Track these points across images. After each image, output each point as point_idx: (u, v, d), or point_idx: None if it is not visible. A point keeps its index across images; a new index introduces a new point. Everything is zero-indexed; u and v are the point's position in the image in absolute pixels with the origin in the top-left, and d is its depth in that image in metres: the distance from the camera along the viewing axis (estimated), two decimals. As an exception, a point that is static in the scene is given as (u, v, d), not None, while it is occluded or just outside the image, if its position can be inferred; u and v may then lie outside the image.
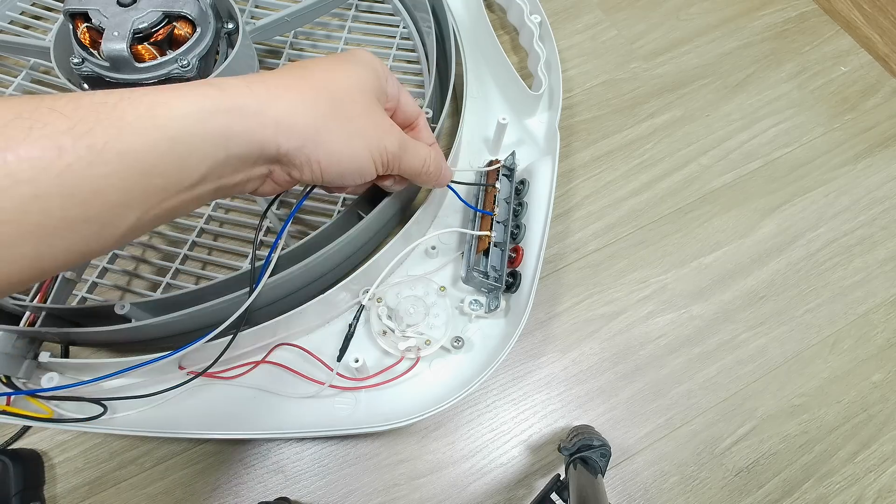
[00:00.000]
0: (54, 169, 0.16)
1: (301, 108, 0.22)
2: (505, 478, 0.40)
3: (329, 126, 0.23)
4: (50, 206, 0.17)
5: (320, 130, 0.23)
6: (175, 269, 0.41)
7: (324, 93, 0.23)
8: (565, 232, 0.48)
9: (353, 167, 0.25)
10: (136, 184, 0.18)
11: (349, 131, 0.24)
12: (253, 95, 0.21)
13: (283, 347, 0.37)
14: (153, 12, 0.36)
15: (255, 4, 0.53)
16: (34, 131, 0.16)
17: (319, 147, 0.23)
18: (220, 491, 0.39)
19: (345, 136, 0.24)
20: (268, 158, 0.23)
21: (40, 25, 0.52)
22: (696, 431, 0.42)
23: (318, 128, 0.23)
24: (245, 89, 0.21)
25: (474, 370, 0.38)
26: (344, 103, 0.24)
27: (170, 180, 0.19)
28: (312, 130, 0.23)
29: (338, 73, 0.25)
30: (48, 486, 0.38)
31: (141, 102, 0.19)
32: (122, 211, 0.19)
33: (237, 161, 0.21)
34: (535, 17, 0.49)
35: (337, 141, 0.23)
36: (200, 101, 0.20)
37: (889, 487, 0.41)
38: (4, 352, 0.32)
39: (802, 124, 0.54)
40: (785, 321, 0.45)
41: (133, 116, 0.18)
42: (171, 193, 0.20)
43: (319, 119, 0.23)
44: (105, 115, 0.18)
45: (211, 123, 0.20)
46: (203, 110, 0.20)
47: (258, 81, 0.22)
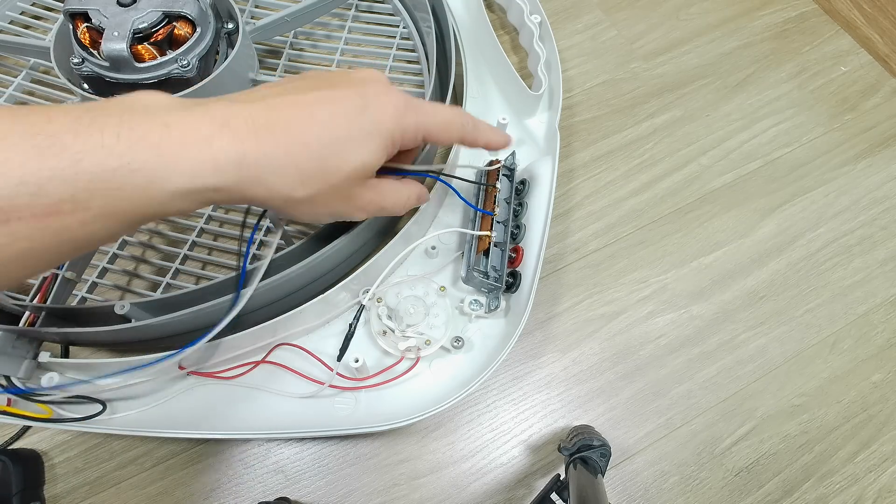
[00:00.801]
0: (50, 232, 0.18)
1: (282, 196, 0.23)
2: (505, 478, 0.40)
3: (302, 207, 0.25)
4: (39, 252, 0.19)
5: (293, 208, 0.25)
6: (175, 269, 0.41)
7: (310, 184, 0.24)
8: (565, 232, 0.48)
9: (307, 218, 0.27)
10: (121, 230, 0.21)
11: (319, 212, 0.26)
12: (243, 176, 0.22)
13: (283, 347, 0.37)
14: (153, 12, 0.36)
15: (255, 4, 0.53)
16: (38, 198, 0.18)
17: (288, 214, 0.27)
18: (220, 491, 0.39)
19: (313, 213, 0.26)
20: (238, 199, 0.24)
21: (40, 25, 0.52)
22: (696, 431, 0.42)
23: (291, 206, 0.24)
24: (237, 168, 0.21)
25: (474, 370, 0.38)
26: (326, 195, 0.25)
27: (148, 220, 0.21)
28: (284, 207, 0.24)
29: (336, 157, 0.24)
30: (48, 486, 0.38)
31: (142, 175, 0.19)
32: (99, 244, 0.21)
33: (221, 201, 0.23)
34: (535, 17, 0.49)
35: (303, 214, 0.26)
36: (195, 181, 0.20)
37: (889, 487, 0.41)
38: (4, 352, 0.32)
39: (802, 124, 0.54)
40: (785, 321, 0.45)
41: (131, 189, 0.19)
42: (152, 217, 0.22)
43: (294, 203, 0.24)
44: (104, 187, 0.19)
45: (199, 197, 0.21)
46: (195, 187, 0.21)
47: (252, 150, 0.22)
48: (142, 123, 0.20)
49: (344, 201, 0.26)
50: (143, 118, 0.20)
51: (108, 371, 0.35)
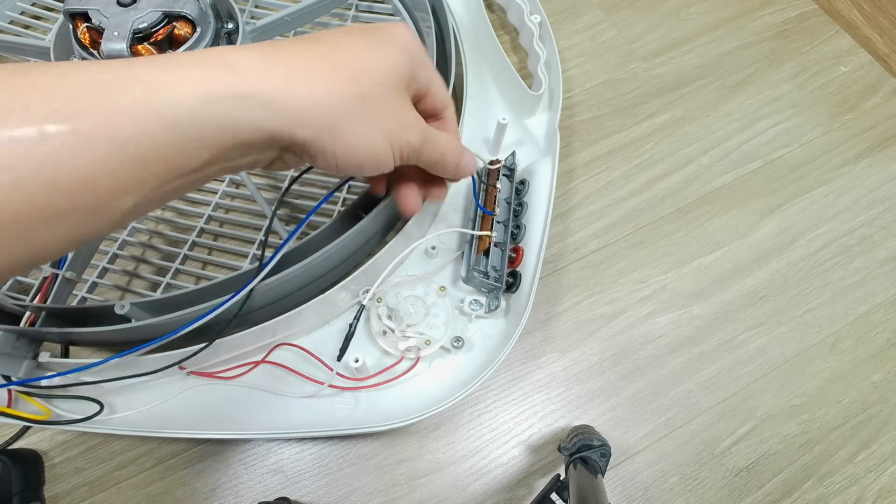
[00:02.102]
0: (36, 156, 0.15)
1: (322, 98, 0.20)
2: (505, 478, 0.40)
3: (351, 121, 0.21)
4: (33, 194, 0.15)
5: (340, 124, 0.21)
6: (175, 269, 0.41)
7: (349, 84, 0.21)
8: (565, 232, 0.48)
9: (371, 161, 0.23)
10: (131, 171, 0.17)
11: (373, 127, 0.22)
12: (268, 80, 0.19)
13: (283, 347, 0.37)
14: (153, 12, 0.36)
15: (255, 4, 0.53)
16: (14, 114, 0.15)
17: (337, 140, 0.21)
18: (220, 491, 0.39)
19: (367, 131, 0.22)
20: (280, 145, 0.21)
21: (40, 25, 0.52)
22: (696, 431, 0.42)
23: (338, 122, 0.21)
24: (260, 72, 0.19)
25: (474, 370, 0.38)
26: (371, 97, 0.22)
27: (169, 166, 0.18)
28: (331, 123, 0.21)
29: (369, 59, 0.22)
30: (48, 486, 0.38)
31: (137, 82, 0.17)
32: (116, 198, 0.17)
33: (245, 147, 0.20)
34: (535, 17, 0.49)
35: (357, 136, 0.22)
36: (206, 86, 0.18)
37: (889, 487, 0.41)
38: (4, 352, 0.32)
39: (802, 124, 0.54)
40: (785, 321, 0.45)
41: (127, 99, 0.17)
42: (171, 178, 0.18)
43: (340, 112, 0.21)
44: (95, 97, 0.16)
45: (217, 111, 0.18)
46: (209, 96, 0.18)
47: (276, 62, 0.20)
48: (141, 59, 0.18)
49: (395, 112, 0.23)
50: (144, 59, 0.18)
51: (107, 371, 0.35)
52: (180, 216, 0.44)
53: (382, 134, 0.23)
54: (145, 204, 0.18)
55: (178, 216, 0.44)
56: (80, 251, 0.37)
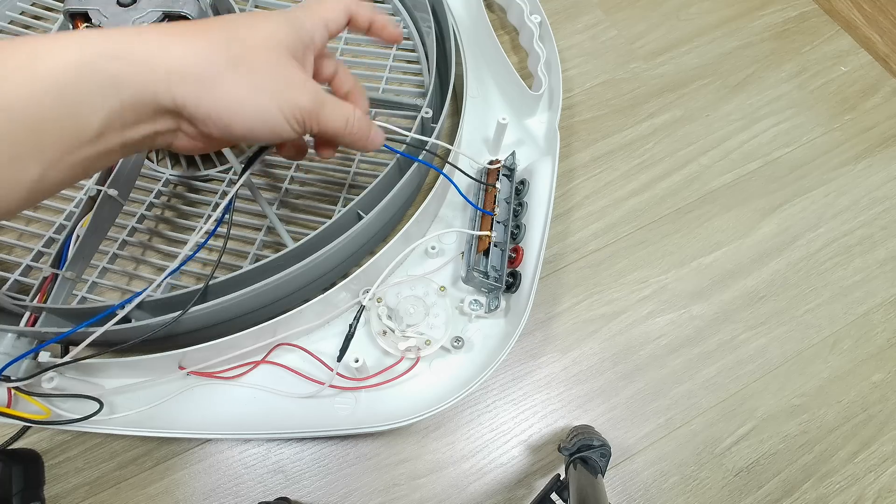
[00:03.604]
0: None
1: (195, 57, 0.21)
2: (505, 478, 0.40)
3: (227, 77, 0.22)
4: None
5: (217, 81, 0.21)
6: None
7: (224, 43, 0.22)
8: (565, 232, 0.48)
9: (260, 122, 0.23)
10: (27, 138, 0.18)
11: (252, 84, 0.22)
12: (142, 42, 0.20)
13: (283, 347, 0.37)
14: (153, 12, 0.36)
15: (254, 4, 0.53)
16: None
17: (218, 99, 0.22)
18: (220, 491, 0.39)
19: (247, 88, 0.22)
20: (167, 110, 0.21)
21: (40, 25, 0.52)
22: (696, 431, 0.42)
23: (214, 78, 0.21)
24: (134, 36, 0.20)
25: (474, 370, 0.38)
26: (246, 55, 0.22)
27: (64, 133, 0.19)
28: (208, 80, 0.21)
29: (245, 26, 0.23)
30: (48, 486, 0.38)
31: (20, 51, 0.18)
32: (19, 166, 0.18)
33: (134, 112, 0.20)
34: (535, 17, 0.49)
35: (237, 93, 0.22)
36: (83, 48, 0.19)
37: (889, 487, 0.41)
38: (4, 352, 0.32)
39: (802, 124, 0.54)
40: (785, 321, 0.45)
41: (12, 67, 0.17)
42: (72, 147, 0.19)
43: (215, 69, 0.21)
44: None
45: (97, 71, 0.19)
46: (87, 56, 0.19)
47: (152, 29, 0.21)
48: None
49: (278, 74, 0.23)
50: None
51: (107, 371, 0.35)
52: (180, 216, 0.44)
53: (266, 94, 0.23)
54: (54, 176, 0.19)
55: (178, 216, 0.44)
56: (80, 251, 0.37)
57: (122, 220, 0.43)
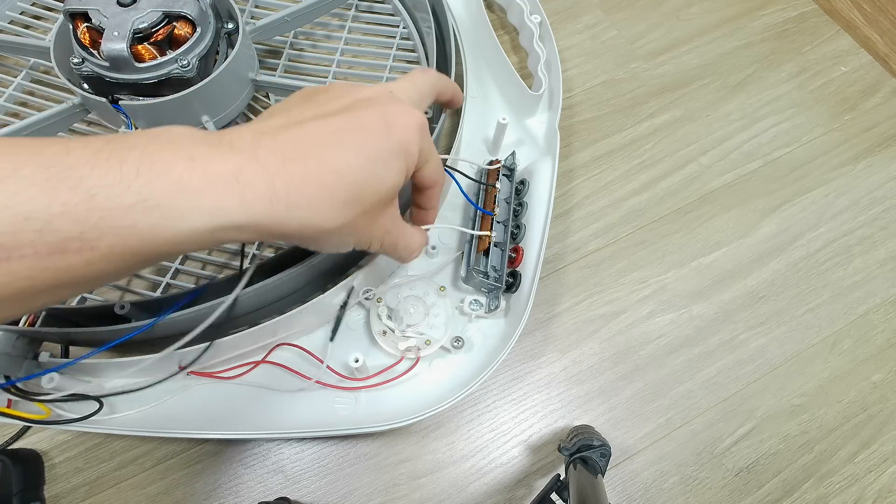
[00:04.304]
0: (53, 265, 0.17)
1: (313, 226, 0.22)
2: (505, 478, 0.40)
3: (330, 238, 0.23)
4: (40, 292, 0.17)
5: (321, 238, 0.23)
6: (175, 269, 0.41)
7: (342, 213, 0.22)
8: (565, 232, 0.48)
9: (332, 248, 0.25)
10: (127, 270, 0.19)
11: (345, 240, 0.24)
12: (272, 214, 0.20)
13: (283, 347, 0.37)
14: (153, 12, 0.36)
15: (255, 4, 0.53)
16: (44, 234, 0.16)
17: (312, 245, 0.24)
18: (220, 491, 0.39)
19: (340, 242, 0.24)
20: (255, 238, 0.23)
21: (40, 25, 0.52)
22: (696, 431, 0.42)
23: (318, 240, 0.23)
24: (265, 202, 0.20)
25: (474, 370, 0.38)
26: (357, 223, 0.23)
27: (161, 259, 0.20)
28: (314, 237, 0.23)
29: (370, 180, 0.23)
30: (48, 486, 0.38)
31: (156, 209, 0.18)
32: (103, 282, 0.19)
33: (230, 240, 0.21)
34: (535, 17, 0.49)
35: (330, 244, 0.24)
36: (214, 220, 0.19)
37: (889, 487, 0.41)
38: (4, 352, 0.32)
39: (802, 124, 0.54)
40: (785, 321, 0.45)
41: (144, 227, 0.18)
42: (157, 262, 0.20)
43: (324, 236, 0.23)
44: (117, 222, 0.17)
45: (216, 236, 0.19)
46: (216, 229, 0.19)
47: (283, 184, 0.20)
48: (164, 156, 0.18)
49: (369, 225, 0.25)
50: (167, 151, 0.19)
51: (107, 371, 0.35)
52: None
53: (353, 236, 0.25)
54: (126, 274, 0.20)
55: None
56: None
57: (122, 220, 0.43)
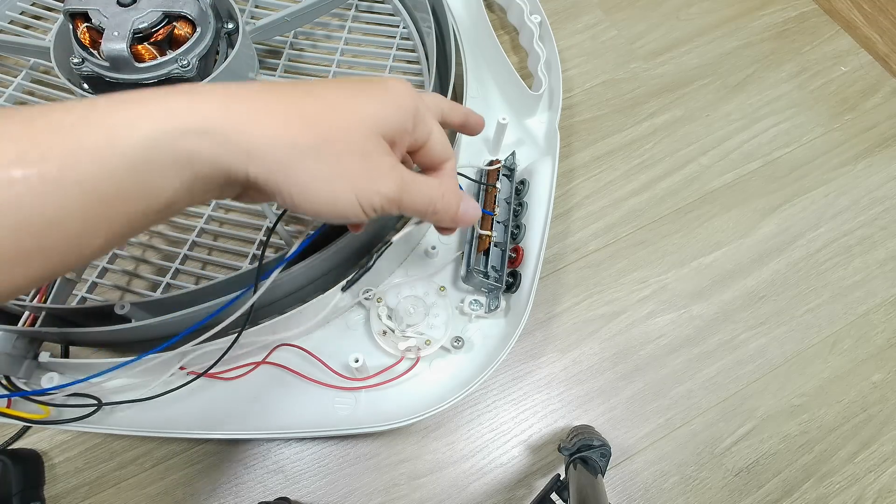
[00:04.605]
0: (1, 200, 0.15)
1: (278, 139, 0.20)
2: (505, 478, 0.40)
3: (307, 163, 0.21)
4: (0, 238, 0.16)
5: (295, 165, 0.21)
6: (175, 269, 0.41)
7: (311, 128, 0.21)
8: (565, 232, 0.48)
9: (329, 209, 0.22)
10: (98, 212, 0.17)
11: (332, 172, 0.22)
12: (228, 119, 0.19)
13: (284, 348, 0.37)
14: (153, 12, 0.36)
15: (255, 4, 0.53)
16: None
17: (291, 182, 0.21)
18: (220, 491, 0.39)
19: (324, 176, 0.21)
20: (238, 182, 0.21)
21: (40, 25, 0.52)
22: (696, 431, 0.42)
23: (293, 163, 0.21)
24: (221, 109, 0.19)
25: (474, 370, 0.38)
26: (335, 142, 0.21)
27: (135, 206, 0.18)
28: (285, 165, 0.21)
29: (343, 107, 0.22)
30: (48, 486, 0.38)
31: (101, 125, 0.17)
32: (85, 240, 0.18)
33: (205, 182, 0.20)
34: (535, 17, 0.49)
35: (313, 180, 0.21)
36: (165, 122, 0.18)
37: (889, 487, 0.41)
38: (4, 352, 0.32)
39: (802, 124, 0.54)
40: (785, 321, 0.45)
41: (91, 141, 0.17)
42: (139, 218, 0.19)
43: (295, 154, 0.21)
44: (60, 140, 0.16)
45: (174, 147, 0.18)
46: (169, 132, 0.18)
47: (241, 100, 0.20)
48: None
49: (363, 161, 0.22)
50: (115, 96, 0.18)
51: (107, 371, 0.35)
52: (180, 216, 0.44)
53: (343, 182, 0.22)
54: (115, 242, 0.19)
55: (178, 216, 0.44)
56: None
57: (122, 220, 0.43)
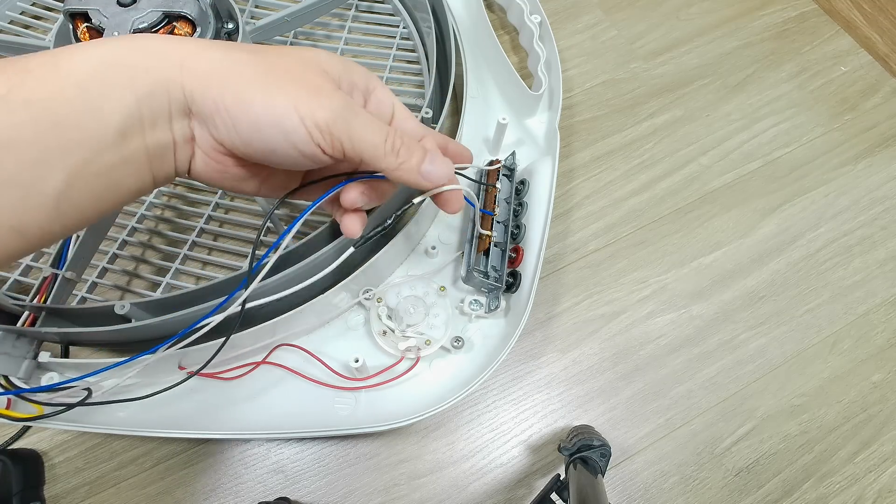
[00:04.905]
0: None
1: (211, 51, 0.20)
2: (505, 478, 0.40)
3: (241, 70, 0.20)
4: None
5: (231, 76, 0.20)
6: (175, 269, 0.41)
7: (252, 52, 0.21)
8: (565, 232, 0.48)
9: (273, 123, 0.20)
10: (50, 136, 0.18)
11: (268, 81, 0.20)
12: (162, 41, 0.20)
13: (284, 348, 0.37)
14: (153, 12, 0.36)
15: (255, 4, 0.53)
16: None
17: (226, 92, 0.20)
18: (220, 491, 0.39)
19: (261, 84, 0.20)
20: (180, 105, 0.20)
21: (40, 25, 0.52)
22: (696, 431, 0.42)
23: (228, 74, 0.20)
24: (157, 38, 0.20)
25: (474, 370, 0.38)
26: (276, 63, 0.21)
27: (86, 132, 0.18)
28: (221, 75, 0.20)
29: (284, 50, 0.23)
30: (48, 486, 0.38)
31: (45, 55, 0.19)
32: (43, 170, 0.18)
33: (149, 107, 0.20)
34: (535, 17, 0.49)
35: (249, 87, 0.20)
36: (105, 49, 0.19)
37: (889, 487, 0.41)
38: (4, 352, 0.32)
39: (802, 124, 0.54)
40: (785, 321, 0.45)
41: (36, 65, 0.18)
42: (94, 152, 0.19)
43: (229, 63, 0.20)
44: (8, 67, 0.18)
45: (115, 63, 0.19)
46: (108, 54, 0.19)
47: (182, 38, 0.21)
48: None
49: (305, 81, 0.21)
50: None
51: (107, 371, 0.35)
52: (180, 216, 0.44)
53: (282, 93, 0.20)
54: (80, 188, 0.19)
55: (178, 216, 0.44)
56: (80, 251, 0.37)
57: (122, 221, 0.43)
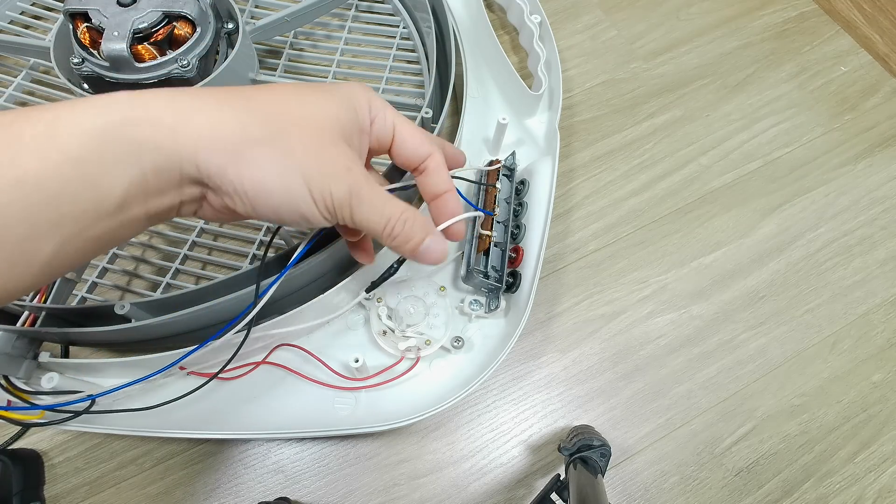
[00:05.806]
0: None
1: (226, 126, 0.19)
2: (505, 478, 0.40)
3: (258, 151, 0.20)
4: None
5: (246, 154, 0.19)
6: (175, 269, 0.41)
7: (262, 117, 0.20)
8: (565, 232, 0.48)
9: (286, 203, 0.21)
10: (43, 213, 0.16)
11: (284, 164, 0.20)
12: (171, 108, 0.19)
13: (284, 348, 0.37)
14: (153, 12, 0.36)
15: (255, 4, 0.53)
16: None
17: (244, 174, 0.20)
18: (220, 491, 0.39)
19: (277, 167, 0.20)
20: (191, 179, 0.20)
21: (40, 25, 0.52)
22: (696, 431, 0.42)
23: (244, 151, 0.19)
24: (165, 101, 0.19)
25: (474, 370, 0.38)
26: (287, 134, 0.20)
27: (83, 206, 0.17)
28: (237, 153, 0.19)
29: (294, 102, 0.21)
30: (48, 486, 0.38)
31: (40, 119, 0.17)
32: (34, 245, 0.17)
33: (157, 180, 0.19)
34: (535, 17, 0.49)
35: (265, 171, 0.20)
36: (107, 114, 0.18)
37: (889, 487, 0.41)
38: (4, 352, 0.32)
39: (802, 124, 0.54)
40: (785, 321, 0.45)
41: (30, 136, 0.16)
42: (92, 220, 0.18)
43: (247, 141, 0.19)
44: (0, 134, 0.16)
45: (119, 138, 0.17)
46: (111, 122, 0.17)
47: (187, 94, 0.19)
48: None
49: (317, 155, 0.21)
50: None
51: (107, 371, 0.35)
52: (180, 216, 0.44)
53: (297, 174, 0.20)
54: (71, 252, 0.18)
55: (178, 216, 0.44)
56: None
57: (122, 220, 0.43)
